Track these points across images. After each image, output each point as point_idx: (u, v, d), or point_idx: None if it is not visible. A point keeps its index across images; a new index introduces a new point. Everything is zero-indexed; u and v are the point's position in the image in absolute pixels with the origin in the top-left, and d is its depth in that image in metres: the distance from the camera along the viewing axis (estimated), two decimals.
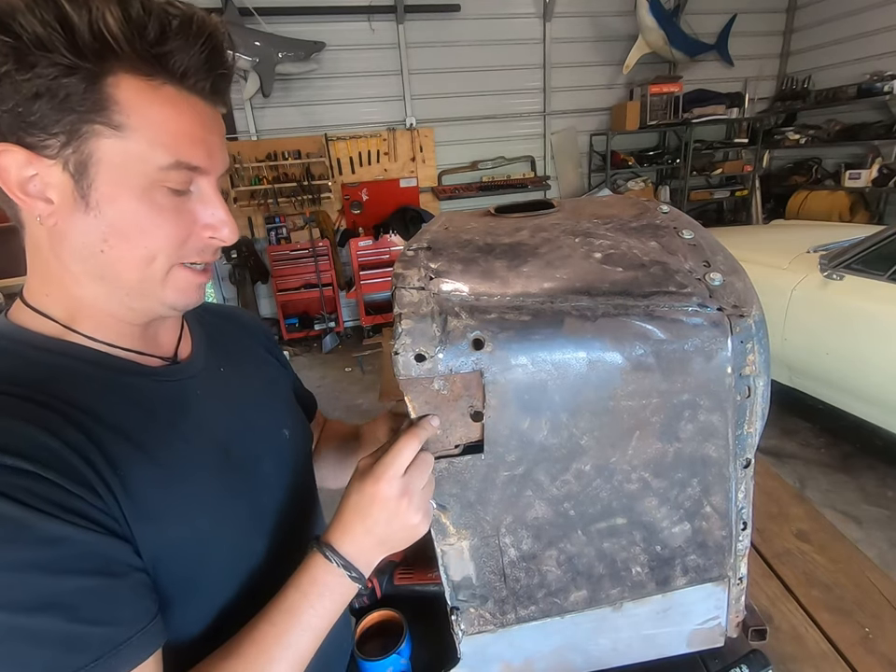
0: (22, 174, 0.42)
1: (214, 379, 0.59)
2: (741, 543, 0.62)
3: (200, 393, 0.56)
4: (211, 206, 0.49)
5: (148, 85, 0.42)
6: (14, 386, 0.43)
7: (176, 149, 0.44)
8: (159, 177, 0.44)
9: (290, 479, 0.64)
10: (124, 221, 0.45)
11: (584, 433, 0.54)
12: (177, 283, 0.49)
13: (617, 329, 0.52)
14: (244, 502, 0.55)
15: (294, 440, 0.67)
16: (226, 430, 0.56)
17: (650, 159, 5.47)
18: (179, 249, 0.48)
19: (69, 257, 0.46)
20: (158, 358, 0.54)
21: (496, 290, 0.54)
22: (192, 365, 0.58)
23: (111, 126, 0.42)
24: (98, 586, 0.40)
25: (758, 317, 0.54)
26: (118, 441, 0.45)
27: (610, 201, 0.75)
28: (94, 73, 0.40)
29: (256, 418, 0.61)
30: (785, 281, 2.74)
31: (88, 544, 0.40)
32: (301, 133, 4.81)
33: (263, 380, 0.68)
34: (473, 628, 0.61)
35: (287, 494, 0.63)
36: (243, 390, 0.62)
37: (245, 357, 0.68)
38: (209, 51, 0.44)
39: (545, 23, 5.01)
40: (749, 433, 0.57)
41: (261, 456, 0.60)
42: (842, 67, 5.08)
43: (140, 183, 0.44)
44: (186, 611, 0.49)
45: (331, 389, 4.11)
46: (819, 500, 2.42)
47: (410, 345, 0.50)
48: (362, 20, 4.64)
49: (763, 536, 1.00)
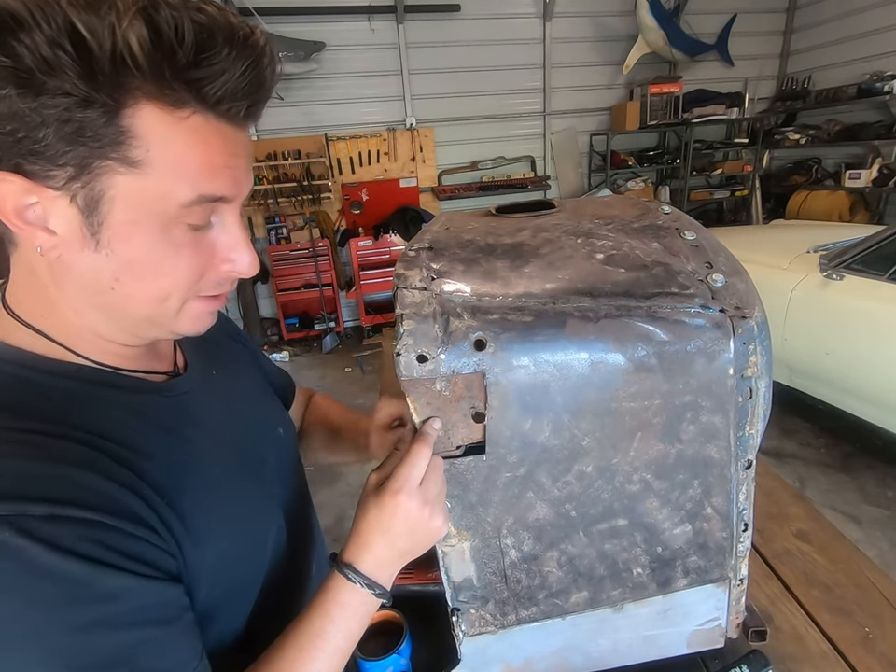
0: (21, 201, 0.37)
1: (210, 385, 0.58)
2: (742, 544, 0.62)
3: (203, 401, 0.55)
4: (232, 237, 0.44)
5: (175, 117, 0.37)
6: (46, 423, 0.40)
7: (199, 183, 0.39)
8: (179, 214, 0.40)
9: (290, 475, 0.65)
10: (138, 261, 0.40)
11: (586, 434, 0.54)
12: (191, 314, 0.46)
13: (619, 331, 0.52)
14: (260, 504, 0.56)
15: (286, 436, 0.67)
16: (232, 435, 0.56)
17: (650, 159, 5.47)
18: (195, 285, 0.44)
19: (72, 289, 0.42)
20: (161, 374, 0.52)
21: (497, 291, 0.54)
22: (191, 374, 0.56)
23: (127, 163, 0.37)
24: (155, 636, 0.39)
25: (760, 319, 0.54)
26: (155, 467, 0.44)
27: (612, 201, 0.75)
28: (114, 104, 0.34)
29: (253, 419, 0.61)
30: (785, 281, 2.74)
31: (147, 595, 0.39)
32: (301, 133, 4.80)
33: (249, 379, 0.67)
34: (474, 629, 0.61)
35: (290, 490, 0.64)
36: (236, 392, 0.61)
37: (227, 356, 0.66)
38: (252, 76, 0.38)
39: (545, 23, 5.01)
40: (751, 434, 0.57)
41: (265, 457, 0.59)
42: (842, 67, 5.08)
43: (158, 222, 0.39)
44: (222, 623, 0.50)
45: (331, 389, 4.11)
46: (819, 500, 2.42)
47: (412, 346, 0.50)
48: (362, 20, 4.63)
49: (763, 536, 1.00)
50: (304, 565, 0.65)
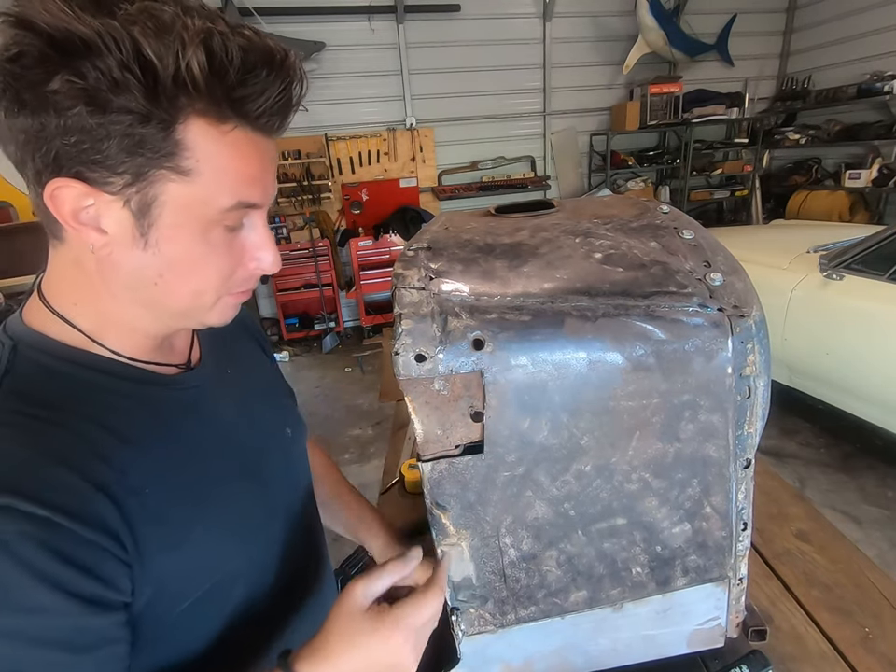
0: (79, 204, 0.40)
1: (222, 381, 0.59)
2: (741, 544, 0.62)
3: (212, 397, 0.56)
4: (260, 238, 0.48)
5: (219, 130, 0.41)
6: (37, 407, 0.42)
7: (238, 191, 0.44)
8: (219, 219, 0.44)
9: (295, 476, 0.66)
10: (180, 260, 0.44)
11: (584, 433, 0.54)
12: (220, 309, 0.50)
13: (617, 330, 0.52)
14: (253, 502, 0.56)
15: (295, 437, 0.68)
16: (237, 432, 0.57)
17: (650, 159, 5.47)
18: (227, 282, 0.48)
19: (118, 284, 0.45)
20: (173, 366, 0.54)
21: (496, 290, 0.54)
22: (203, 370, 0.58)
23: (179, 171, 0.40)
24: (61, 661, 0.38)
25: (758, 318, 0.54)
26: (145, 460, 0.45)
27: (611, 201, 0.75)
28: (169, 119, 0.38)
29: (262, 418, 0.62)
30: (785, 281, 2.74)
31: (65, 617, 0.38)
32: (301, 132, 4.81)
33: (264, 379, 0.69)
34: (473, 628, 0.61)
35: (293, 491, 0.64)
36: (248, 391, 0.63)
37: (245, 355, 0.68)
38: (284, 93, 0.42)
39: (545, 23, 5.01)
40: (750, 433, 0.57)
41: (269, 456, 0.60)
42: (842, 67, 5.08)
43: (200, 225, 0.43)
44: (205, 621, 0.50)
45: (331, 389, 4.11)
46: (819, 500, 2.42)
47: (410, 345, 0.50)
48: (362, 20, 4.64)
49: (763, 536, 1.00)
50: (303, 567, 0.65)
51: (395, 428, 1.55)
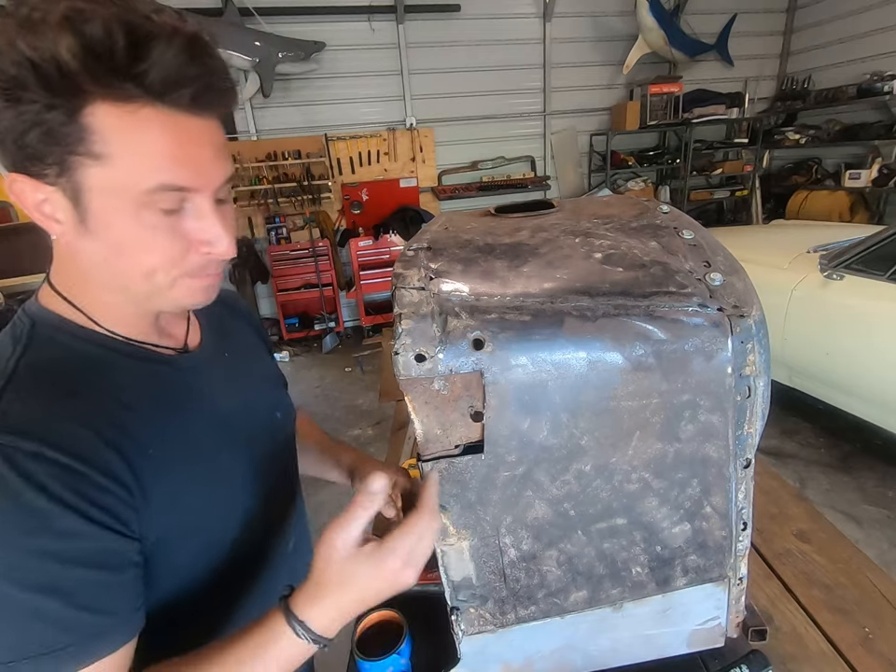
0: (35, 198, 0.44)
1: (219, 364, 0.64)
2: (741, 543, 0.62)
3: (208, 378, 0.60)
4: (206, 223, 0.48)
5: (124, 110, 0.41)
6: (55, 376, 0.47)
7: (159, 173, 0.43)
8: (146, 200, 0.44)
9: (280, 456, 0.69)
10: (119, 243, 0.46)
11: (584, 433, 0.54)
12: (182, 290, 0.51)
13: (617, 330, 0.52)
14: (243, 478, 0.61)
15: (284, 421, 0.72)
16: (228, 412, 0.61)
17: (650, 159, 5.47)
18: (178, 266, 0.49)
19: (84, 269, 0.50)
20: (170, 349, 0.58)
21: (496, 290, 0.54)
22: (202, 352, 0.62)
23: (92, 157, 0.42)
24: (97, 579, 0.44)
25: (758, 318, 0.54)
26: (146, 426, 0.50)
27: (611, 201, 0.75)
28: (71, 106, 0.40)
29: (254, 401, 0.66)
30: (785, 281, 2.73)
31: (98, 541, 0.44)
32: (301, 132, 4.81)
33: (259, 365, 0.74)
34: (473, 628, 0.61)
35: (276, 468, 0.68)
36: (243, 375, 0.67)
37: (242, 342, 0.72)
38: (185, 61, 0.41)
39: (545, 23, 5.01)
40: (750, 433, 0.57)
41: (255, 435, 0.64)
42: (842, 67, 5.08)
43: (130, 207, 0.44)
44: (188, 574, 0.55)
45: (331, 389, 4.11)
46: (818, 500, 2.42)
47: (410, 345, 0.50)
48: (362, 20, 4.63)
49: (762, 536, 1.00)
50: (278, 538, 0.69)
51: (395, 428, 1.55)
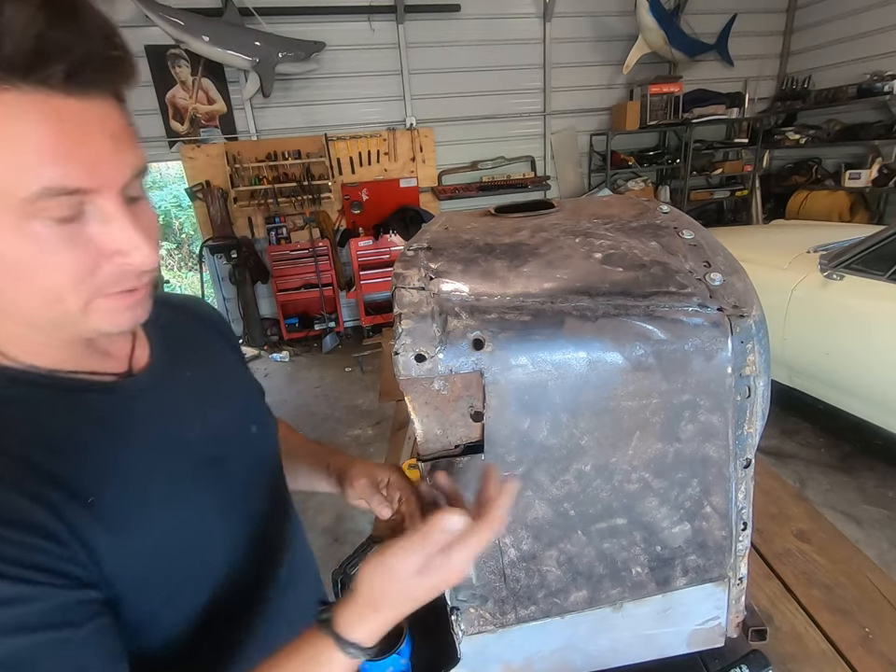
0: None
1: (175, 383, 0.56)
2: (741, 543, 0.62)
3: (161, 401, 0.53)
4: (114, 227, 0.40)
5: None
6: None
7: (39, 174, 0.35)
8: (31, 210, 0.36)
9: (261, 476, 0.63)
10: (10, 264, 0.38)
11: (584, 433, 0.54)
12: (101, 313, 0.43)
13: (617, 330, 0.52)
14: (216, 504, 0.54)
15: (261, 435, 0.65)
16: (191, 435, 0.54)
17: (650, 159, 5.47)
18: (87, 283, 0.40)
19: None
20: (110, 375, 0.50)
21: (496, 290, 0.54)
22: (151, 373, 0.54)
23: None
24: (55, 640, 0.38)
25: (758, 317, 0.54)
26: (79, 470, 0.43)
27: (611, 201, 0.75)
28: None
29: (223, 418, 0.59)
30: (785, 281, 2.74)
31: (43, 600, 0.38)
32: (301, 132, 4.81)
33: (227, 376, 0.65)
34: (473, 628, 0.61)
35: (259, 491, 0.61)
36: (208, 390, 0.59)
37: (207, 353, 0.64)
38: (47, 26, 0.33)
39: (545, 23, 5.01)
40: (749, 433, 0.57)
41: (227, 456, 0.57)
42: (842, 67, 5.08)
43: (11, 220, 0.36)
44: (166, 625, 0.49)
45: (331, 389, 4.11)
46: (818, 500, 2.42)
47: (410, 345, 0.50)
48: (362, 20, 4.64)
49: (762, 536, 1.00)
50: (269, 570, 0.62)
51: (395, 428, 1.55)
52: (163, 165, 7.63)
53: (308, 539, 0.74)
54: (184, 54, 4.37)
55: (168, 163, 6.74)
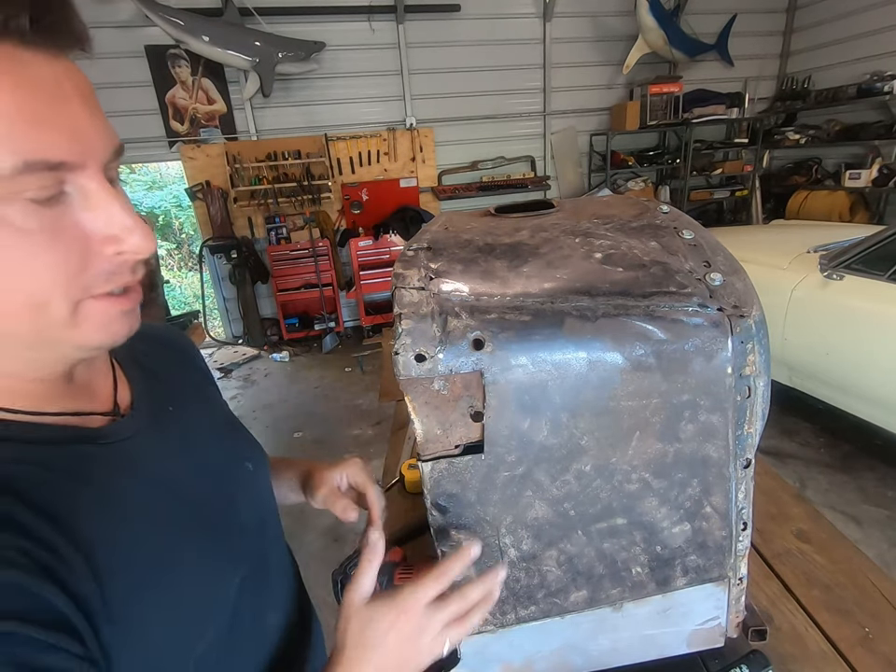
0: None
1: (164, 425, 0.49)
2: (741, 543, 0.62)
3: (151, 445, 0.46)
4: (103, 210, 0.35)
5: None
6: None
7: (18, 142, 0.30)
8: (5, 192, 0.30)
9: (262, 514, 0.58)
10: None
11: (584, 433, 0.54)
12: (92, 320, 0.36)
13: (617, 330, 0.52)
14: (223, 555, 0.48)
15: (257, 469, 0.59)
16: (188, 482, 0.47)
17: (650, 159, 5.47)
18: (75, 281, 0.34)
19: None
20: (98, 415, 0.43)
21: (496, 290, 0.54)
22: (138, 414, 0.47)
23: None
24: None
25: (758, 318, 0.54)
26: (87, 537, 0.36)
27: (610, 201, 0.75)
28: None
29: (218, 459, 0.53)
30: (785, 281, 2.74)
31: None
32: (301, 132, 4.81)
33: (213, 411, 0.60)
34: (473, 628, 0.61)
35: (260, 528, 0.56)
36: (196, 430, 0.53)
37: (188, 388, 0.58)
38: None
39: (545, 23, 5.01)
40: (749, 433, 0.57)
41: (231, 500, 0.52)
42: (842, 67, 5.08)
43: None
44: None
45: (331, 389, 4.11)
46: (818, 500, 2.42)
47: (410, 345, 0.50)
48: (362, 20, 4.64)
49: (762, 536, 1.00)
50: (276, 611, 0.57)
51: (395, 428, 1.55)
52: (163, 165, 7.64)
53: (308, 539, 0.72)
54: (184, 54, 4.38)
55: (168, 163, 6.76)
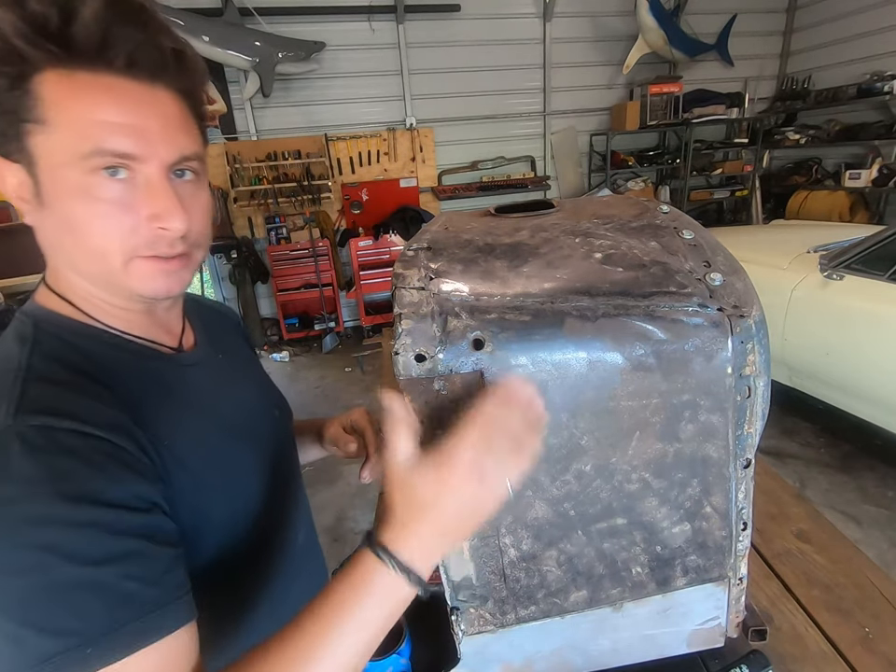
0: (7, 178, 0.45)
1: (216, 365, 0.64)
2: (741, 543, 0.62)
3: (206, 376, 0.61)
4: (155, 195, 0.47)
5: (64, 76, 0.42)
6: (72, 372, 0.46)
7: (95, 137, 0.43)
8: (86, 166, 0.44)
9: (284, 450, 0.70)
10: (68, 216, 0.45)
11: (584, 433, 0.54)
12: (139, 274, 0.49)
13: (617, 330, 0.52)
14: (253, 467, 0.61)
15: (283, 418, 0.73)
16: (230, 409, 0.61)
17: (650, 159, 5.47)
18: (128, 242, 0.47)
19: (48, 252, 0.50)
20: (168, 348, 0.58)
21: (496, 290, 0.54)
22: (199, 352, 0.63)
23: (38, 122, 0.43)
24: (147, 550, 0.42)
25: (758, 318, 0.54)
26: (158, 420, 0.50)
27: (610, 201, 0.75)
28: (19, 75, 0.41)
29: (252, 399, 0.67)
30: (785, 281, 2.74)
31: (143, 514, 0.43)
32: (301, 132, 4.81)
33: (251, 367, 0.75)
34: (473, 628, 0.61)
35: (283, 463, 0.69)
36: (238, 376, 0.68)
37: (233, 346, 0.73)
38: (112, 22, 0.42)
39: (545, 23, 5.01)
40: (750, 433, 0.57)
41: (261, 432, 0.65)
42: (842, 67, 5.08)
43: (73, 176, 0.44)
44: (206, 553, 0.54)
45: (331, 389, 4.11)
46: (818, 500, 2.42)
47: (410, 345, 0.50)
48: (362, 20, 4.64)
49: (763, 536, 1.00)
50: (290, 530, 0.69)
51: None
52: None
53: None
54: None
55: None
